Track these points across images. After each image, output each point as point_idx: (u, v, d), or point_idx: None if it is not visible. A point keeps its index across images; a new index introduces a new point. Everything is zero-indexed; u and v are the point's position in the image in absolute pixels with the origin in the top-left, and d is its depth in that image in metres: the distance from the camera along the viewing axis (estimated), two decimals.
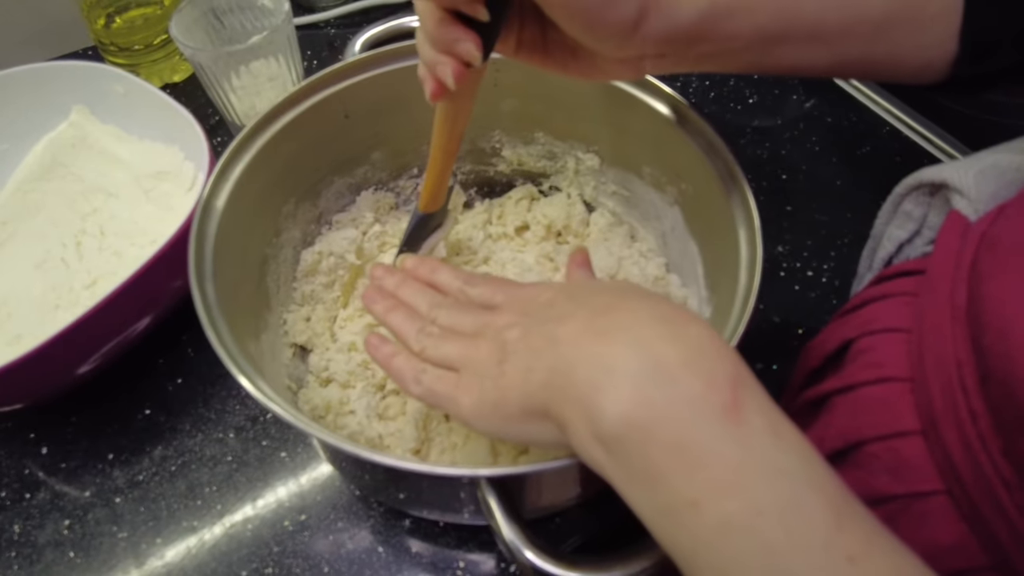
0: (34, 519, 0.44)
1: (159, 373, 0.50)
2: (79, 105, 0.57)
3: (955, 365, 0.29)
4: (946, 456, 0.29)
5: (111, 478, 0.46)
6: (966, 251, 0.32)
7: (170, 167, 0.55)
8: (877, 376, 0.33)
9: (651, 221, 0.49)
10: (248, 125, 0.42)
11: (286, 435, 0.47)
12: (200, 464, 0.46)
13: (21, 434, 0.48)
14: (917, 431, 0.31)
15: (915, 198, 0.40)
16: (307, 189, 0.47)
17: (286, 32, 0.54)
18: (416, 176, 0.53)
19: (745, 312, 0.33)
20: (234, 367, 0.32)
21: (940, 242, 0.35)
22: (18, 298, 0.51)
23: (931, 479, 0.30)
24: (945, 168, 0.37)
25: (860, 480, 0.32)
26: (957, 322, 0.30)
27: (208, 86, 0.55)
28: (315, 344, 0.47)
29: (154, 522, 0.44)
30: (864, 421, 0.33)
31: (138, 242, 0.53)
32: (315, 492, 0.45)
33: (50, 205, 0.56)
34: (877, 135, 0.63)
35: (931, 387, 0.30)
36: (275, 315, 0.45)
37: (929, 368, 0.31)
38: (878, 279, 0.42)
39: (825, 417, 0.36)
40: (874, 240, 0.45)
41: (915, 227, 0.41)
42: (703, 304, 0.43)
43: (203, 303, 0.35)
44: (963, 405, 0.28)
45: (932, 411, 0.30)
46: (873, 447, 0.32)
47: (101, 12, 0.64)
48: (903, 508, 0.30)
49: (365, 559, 0.42)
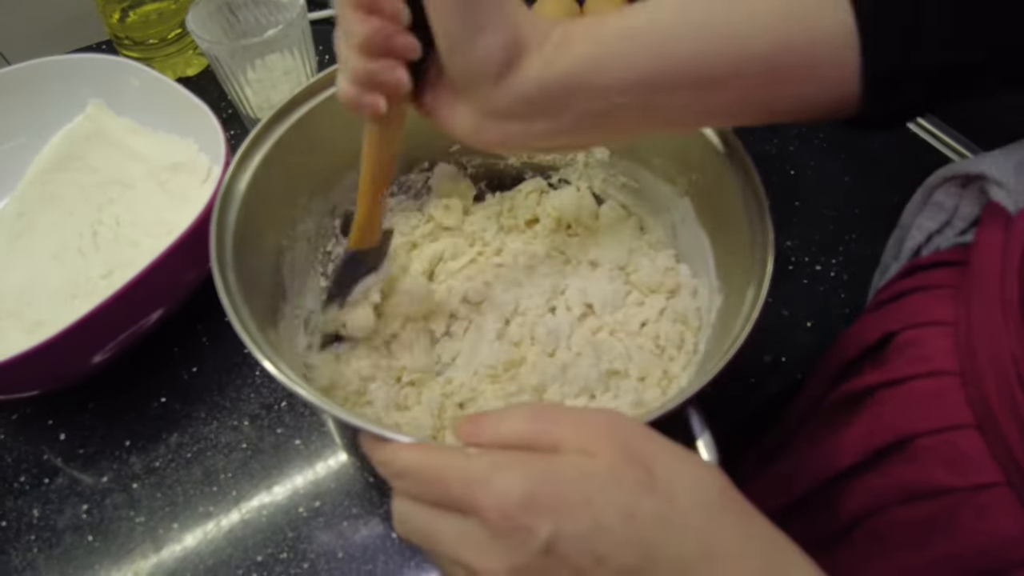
0: (53, 503, 0.45)
1: (175, 362, 0.51)
2: (96, 98, 0.58)
3: (1011, 360, 0.29)
4: (1006, 449, 0.29)
5: (128, 464, 0.47)
6: (1013, 245, 0.32)
7: (185, 159, 0.56)
8: (927, 370, 0.33)
9: (660, 213, 0.50)
10: (267, 115, 0.42)
11: (300, 423, 0.48)
12: (216, 451, 0.47)
13: (39, 420, 0.49)
14: (972, 424, 0.31)
15: (946, 189, 0.40)
16: (321, 182, 0.48)
17: (301, 26, 0.55)
18: (427, 170, 0.54)
19: (758, 301, 0.34)
20: (258, 351, 0.33)
21: (982, 235, 0.34)
22: (36, 287, 0.51)
23: (991, 471, 0.30)
24: (983, 160, 0.37)
25: (913, 474, 0.32)
26: (1009, 317, 0.30)
27: (224, 79, 0.56)
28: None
29: (171, 507, 0.45)
30: (915, 415, 0.33)
31: (154, 233, 0.54)
32: (329, 479, 0.46)
33: (67, 196, 0.56)
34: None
35: (985, 381, 0.30)
36: (290, 305, 0.45)
37: (982, 362, 0.31)
38: (911, 268, 0.41)
39: (871, 410, 0.36)
40: (902, 230, 0.45)
41: (946, 217, 0.41)
42: (714, 293, 0.44)
43: (225, 288, 0.35)
44: (1022, 399, 0.29)
45: (988, 405, 0.30)
46: (926, 440, 0.32)
47: (116, 6, 0.64)
48: (963, 501, 0.30)
49: (379, 545, 0.43)
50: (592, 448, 0.24)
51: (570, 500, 0.22)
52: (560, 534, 0.22)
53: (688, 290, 0.47)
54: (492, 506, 0.23)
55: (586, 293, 0.47)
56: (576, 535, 0.22)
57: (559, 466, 0.23)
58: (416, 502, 0.25)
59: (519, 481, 0.23)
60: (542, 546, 0.22)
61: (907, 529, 0.32)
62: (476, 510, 0.23)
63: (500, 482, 0.23)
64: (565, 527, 0.22)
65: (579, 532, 0.22)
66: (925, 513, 0.32)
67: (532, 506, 0.22)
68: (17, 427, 0.49)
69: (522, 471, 0.23)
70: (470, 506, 0.23)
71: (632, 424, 0.25)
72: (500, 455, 0.24)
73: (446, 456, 0.25)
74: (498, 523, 0.22)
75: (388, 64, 0.30)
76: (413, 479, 0.25)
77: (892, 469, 0.34)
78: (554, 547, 0.22)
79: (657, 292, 0.47)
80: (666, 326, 0.45)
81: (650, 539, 0.22)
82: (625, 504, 0.22)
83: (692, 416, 0.30)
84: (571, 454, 0.24)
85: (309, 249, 0.48)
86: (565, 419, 0.25)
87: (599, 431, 0.24)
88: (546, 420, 0.25)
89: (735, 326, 0.34)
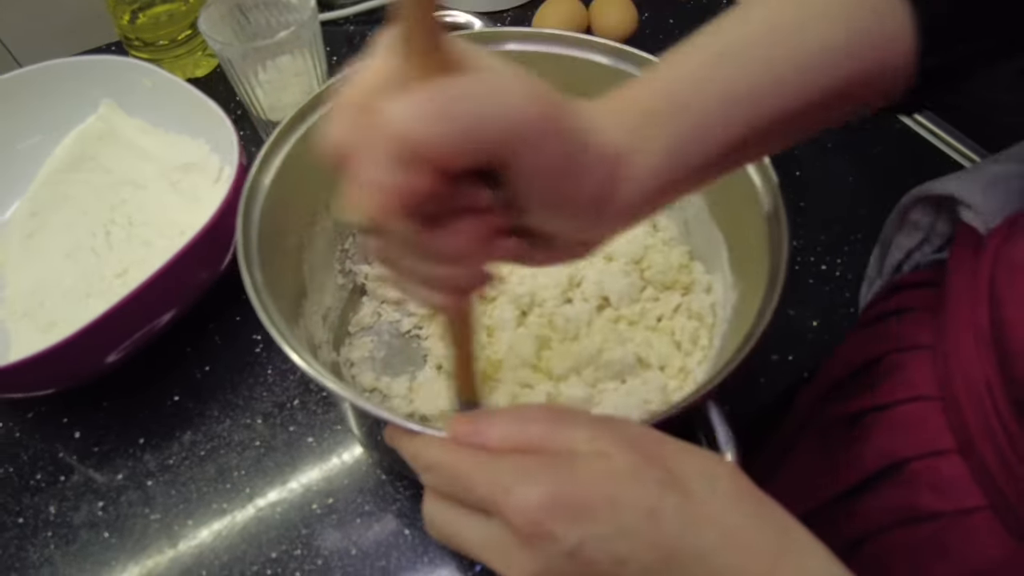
0: (69, 500, 0.46)
1: (187, 361, 0.51)
2: (107, 99, 0.58)
3: (986, 388, 0.30)
4: (986, 474, 0.29)
5: (142, 462, 0.47)
6: (982, 269, 0.32)
7: (196, 159, 0.56)
8: (911, 395, 0.34)
9: (674, 210, 0.50)
10: (292, 112, 0.43)
11: (313, 421, 0.48)
12: (229, 449, 0.48)
13: (54, 419, 0.49)
14: (954, 449, 0.31)
15: (921, 208, 0.41)
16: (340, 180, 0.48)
17: (312, 28, 0.55)
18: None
19: (773, 296, 0.34)
20: (285, 344, 0.33)
21: (954, 258, 0.35)
22: (50, 287, 0.52)
23: (974, 496, 0.30)
24: (950, 181, 0.38)
25: (905, 498, 0.33)
26: (982, 344, 0.30)
27: (235, 81, 0.57)
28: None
29: (185, 504, 0.45)
30: (902, 441, 0.33)
31: (166, 233, 0.54)
32: (342, 476, 0.46)
33: (80, 196, 0.57)
34: (889, 133, 0.64)
35: (963, 408, 0.31)
36: (310, 302, 0.46)
37: (959, 389, 0.31)
38: (893, 287, 0.42)
39: (861, 435, 0.36)
40: (882, 247, 0.45)
41: (922, 235, 0.42)
42: (728, 290, 0.44)
43: (252, 282, 0.36)
44: (997, 426, 0.29)
45: (967, 431, 0.30)
46: (914, 465, 0.33)
47: (127, 8, 0.65)
48: (952, 525, 0.31)
49: (392, 541, 0.43)
50: (609, 449, 0.24)
51: (594, 504, 0.23)
52: (585, 539, 0.22)
53: (702, 286, 0.47)
54: (517, 511, 0.23)
55: (602, 286, 0.47)
56: (599, 538, 0.22)
57: (582, 469, 0.24)
58: (444, 500, 0.26)
59: (544, 485, 0.23)
60: (567, 551, 0.22)
61: (905, 552, 0.33)
62: (501, 513, 0.23)
63: (525, 486, 0.23)
64: (589, 532, 0.22)
65: (602, 535, 0.22)
66: (920, 537, 0.32)
67: (557, 511, 0.23)
68: (33, 425, 0.49)
69: (546, 476, 0.23)
70: (495, 509, 0.23)
71: (643, 428, 0.26)
72: (525, 459, 0.24)
73: (472, 456, 0.25)
74: (523, 528, 0.23)
75: (480, 261, 0.25)
76: (439, 475, 0.26)
77: (885, 493, 0.34)
78: (579, 552, 0.22)
79: (671, 288, 0.48)
80: (681, 321, 0.46)
81: (672, 535, 0.23)
82: (647, 502, 0.23)
83: (711, 410, 0.31)
84: (590, 456, 0.24)
85: (327, 246, 0.49)
86: (580, 424, 0.25)
87: (614, 434, 0.25)
88: (561, 423, 0.25)
89: (752, 321, 0.34)
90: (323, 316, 0.47)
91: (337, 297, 0.50)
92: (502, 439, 0.25)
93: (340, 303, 0.50)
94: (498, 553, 0.24)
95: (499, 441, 0.25)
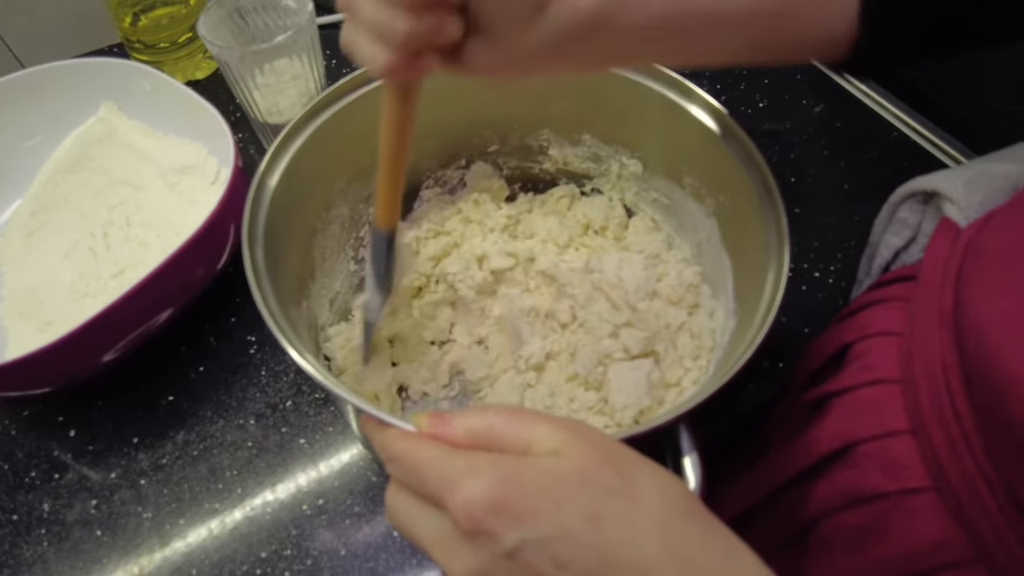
0: (63, 498, 0.46)
1: (182, 361, 0.52)
2: (108, 101, 0.59)
3: (941, 368, 0.30)
4: (934, 455, 0.30)
5: (136, 461, 0.48)
6: (954, 257, 0.33)
7: (194, 162, 0.57)
8: (871, 378, 0.35)
9: (688, 231, 0.51)
10: (310, 105, 0.43)
11: (305, 423, 0.49)
12: (221, 449, 0.48)
13: (49, 417, 0.50)
14: (907, 431, 0.32)
15: (910, 206, 0.42)
16: (360, 169, 0.49)
17: (310, 32, 0.56)
18: (464, 167, 0.55)
19: (765, 324, 0.35)
20: (285, 340, 0.34)
21: (931, 248, 0.36)
22: (48, 286, 0.53)
23: (920, 476, 0.31)
24: (936, 177, 0.39)
25: (854, 479, 0.33)
26: (944, 326, 0.31)
27: (233, 83, 0.57)
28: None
29: (177, 504, 0.46)
30: (858, 423, 0.34)
31: (163, 233, 0.55)
32: (332, 478, 0.46)
33: (79, 197, 0.57)
34: (884, 140, 0.65)
35: (920, 389, 0.31)
36: (318, 284, 0.47)
37: (918, 370, 0.32)
38: (875, 284, 0.43)
39: (821, 419, 0.37)
40: (871, 247, 0.46)
41: (911, 234, 0.42)
42: (729, 316, 0.44)
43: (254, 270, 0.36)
44: (948, 406, 0.30)
45: (920, 412, 0.31)
46: (866, 447, 0.33)
47: (128, 10, 0.65)
48: (895, 505, 0.31)
49: (380, 543, 0.44)
50: (563, 450, 0.24)
51: (536, 506, 0.23)
52: (524, 540, 0.23)
53: (706, 311, 0.48)
54: (460, 507, 0.23)
55: (621, 269, 0.48)
56: (539, 541, 0.23)
57: (530, 470, 0.24)
58: (403, 490, 0.26)
59: (488, 485, 0.23)
60: (505, 551, 0.23)
61: (848, 534, 0.33)
62: (447, 508, 0.24)
63: (470, 484, 0.23)
64: (529, 533, 0.23)
65: (542, 538, 0.23)
66: (863, 518, 0.33)
67: (498, 511, 0.23)
68: (28, 423, 0.50)
69: (493, 474, 0.24)
70: (442, 503, 0.24)
71: (604, 435, 0.26)
72: (476, 457, 0.25)
73: (430, 449, 0.26)
74: (464, 525, 0.23)
75: (441, 18, 0.27)
76: (399, 466, 0.26)
77: (836, 475, 0.34)
78: (517, 553, 0.23)
79: (678, 305, 0.48)
80: (684, 338, 0.46)
81: (612, 542, 0.23)
82: (591, 507, 0.23)
83: (682, 433, 0.31)
84: (543, 456, 0.25)
85: (342, 232, 0.50)
86: (540, 422, 0.26)
87: (573, 435, 0.25)
88: (521, 421, 0.26)
89: (744, 342, 0.35)
90: (331, 300, 0.48)
91: (348, 283, 0.51)
92: (464, 433, 0.26)
93: (350, 289, 0.51)
94: (443, 548, 0.24)
95: (461, 435, 0.26)
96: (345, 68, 0.71)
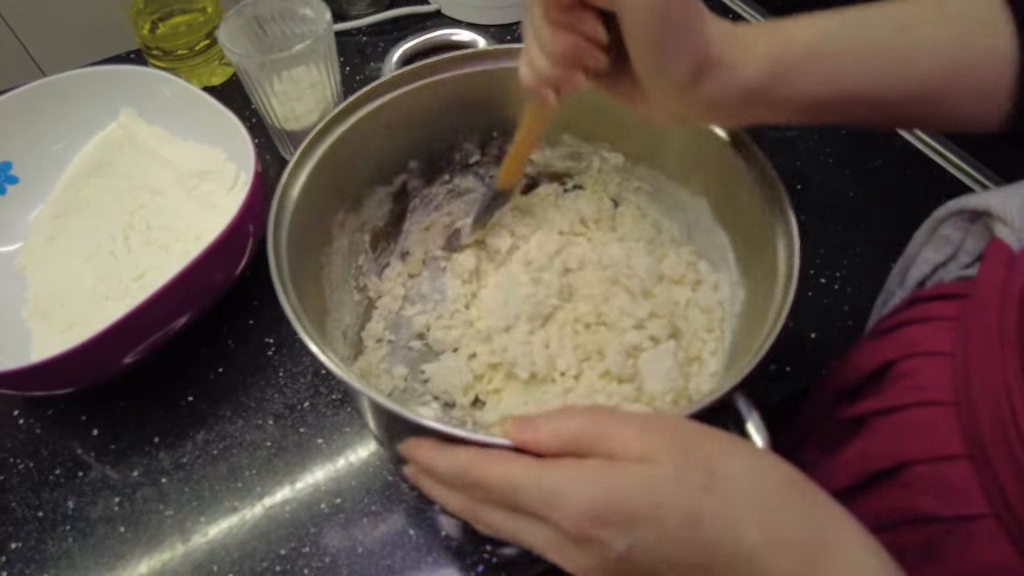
0: (87, 496, 0.47)
1: (201, 362, 0.53)
2: (127, 107, 0.60)
3: (1004, 390, 0.30)
4: (995, 480, 0.30)
5: (157, 460, 0.49)
6: (1015, 279, 0.33)
7: (213, 167, 0.58)
8: (921, 399, 0.34)
9: (675, 213, 0.52)
10: (314, 131, 0.44)
11: (322, 423, 0.50)
12: (241, 449, 0.49)
13: (74, 417, 0.51)
14: (963, 455, 0.32)
15: (954, 223, 0.41)
16: (355, 198, 0.49)
17: (327, 41, 0.57)
18: (447, 182, 0.56)
19: (789, 292, 0.36)
20: (313, 344, 0.35)
21: (985, 270, 0.35)
22: (71, 289, 0.54)
23: (978, 503, 0.31)
24: (990, 196, 0.38)
25: (906, 499, 0.33)
26: (1007, 348, 0.31)
27: (251, 91, 0.58)
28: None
29: (198, 502, 0.47)
30: (909, 443, 0.34)
31: (183, 237, 0.56)
32: (350, 477, 0.48)
33: (99, 201, 0.59)
34: (891, 149, 0.66)
35: (979, 412, 0.31)
36: (331, 319, 0.47)
37: (976, 393, 0.32)
38: (914, 300, 0.42)
39: (866, 436, 0.37)
40: (907, 260, 0.45)
41: (951, 251, 0.42)
42: (736, 288, 0.46)
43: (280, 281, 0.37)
44: (1012, 430, 0.29)
45: (980, 435, 0.31)
46: (920, 468, 0.33)
47: (147, 18, 0.67)
48: (949, 530, 0.31)
49: (397, 540, 0.45)
50: (653, 455, 0.26)
51: (640, 512, 0.24)
52: (633, 545, 0.24)
53: (709, 284, 0.49)
54: (568, 521, 0.25)
55: (630, 258, 0.49)
56: (647, 544, 0.24)
57: (627, 476, 0.25)
58: (499, 510, 0.27)
59: (591, 496, 0.25)
60: (617, 556, 0.25)
61: (901, 552, 0.34)
62: (552, 523, 0.25)
63: (572, 500, 0.25)
64: (637, 538, 0.24)
65: (649, 541, 0.24)
66: (918, 538, 0.33)
67: (605, 520, 0.25)
68: (53, 423, 0.51)
69: (593, 485, 0.25)
70: (546, 519, 0.25)
71: (688, 426, 0.27)
72: (569, 469, 0.26)
73: (520, 468, 0.27)
74: (576, 535, 0.25)
75: (573, 74, 0.34)
76: (495, 491, 0.27)
77: (887, 493, 0.35)
78: (628, 556, 0.25)
79: (681, 284, 0.49)
80: (695, 312, 0.47)
81: (713, 540, 0.24)
82: (688, 507, 0.25)
83: (739, 401, 0.32)
84: (635, 462, 0.26)
85: (344, 264, 0.50)
86: (625, 424, 0.27)
87: (659, 437, 0.26)
88: (604, 422, 0.27)
89: (775, 312, 0.36)
90: (343, 333, 0.48)
91: (354, 313, 0.51)
92: (551, 437, 0.27)
93: (357, 319, 0.51)
94: (557, 552, 0.26)
95: (547, 439, 0.27)
96: (359, 75, 0.73)
